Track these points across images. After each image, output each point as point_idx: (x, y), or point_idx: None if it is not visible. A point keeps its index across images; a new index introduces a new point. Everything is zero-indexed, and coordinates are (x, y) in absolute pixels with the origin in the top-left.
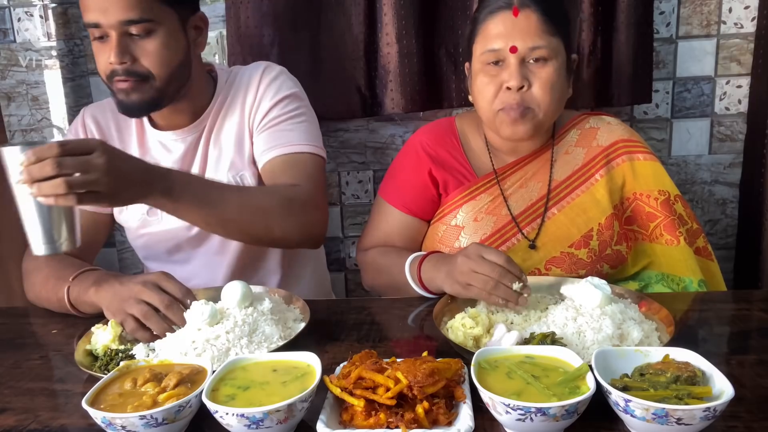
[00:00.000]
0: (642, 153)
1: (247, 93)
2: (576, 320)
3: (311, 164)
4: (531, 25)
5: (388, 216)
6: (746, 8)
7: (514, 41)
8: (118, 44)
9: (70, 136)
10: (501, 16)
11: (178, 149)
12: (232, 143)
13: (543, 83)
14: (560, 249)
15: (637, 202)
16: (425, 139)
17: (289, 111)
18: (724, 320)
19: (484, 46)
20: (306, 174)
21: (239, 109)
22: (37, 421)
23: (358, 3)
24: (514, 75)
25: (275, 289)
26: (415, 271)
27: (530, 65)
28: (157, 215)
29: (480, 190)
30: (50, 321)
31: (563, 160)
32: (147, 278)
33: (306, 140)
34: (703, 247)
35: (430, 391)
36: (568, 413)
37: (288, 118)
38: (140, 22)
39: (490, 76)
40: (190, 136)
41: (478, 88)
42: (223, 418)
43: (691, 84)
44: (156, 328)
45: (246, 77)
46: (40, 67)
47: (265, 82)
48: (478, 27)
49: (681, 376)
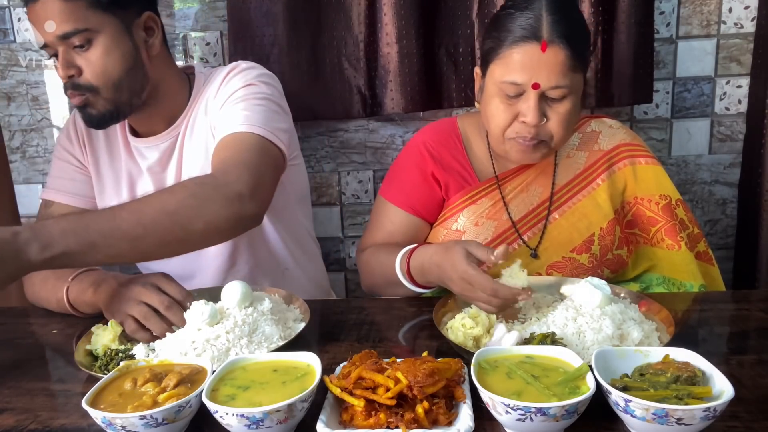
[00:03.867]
0: (644, 157)
1: (212, 90)
2: (576, 320)
3: (249, 143)
4: (558, 63)
5: (391, 217)
6: (746, 8)
7: (539, 78)
8: (62, 58)
9: (63, 137)
10: (527, 48)
11: (152, 156)
12: (202, 148)
13: (560, 119)
14: (561, 254)
15: (638, 206)
16: (428, 140)
17: (244, 96)
18: (724, 320)
19: (505, 74)
20: (236, 152)
21: (205, 110)
22: (37, 421)
23: (358, 3)
24: (533, 111)
25: (275, 289)
26: (405, 265)
27: (549, 100)
28: None
29: (481, 195)
30: (50, 321)
31: (565, 164)
32: (147, 279)
33: (252, 121)
34: (704, 251)
35: (430, 391)
36: (568, 413)
37: (240, 100)
38: (76, 34)
39: (506, 104)
40: (164, 143)
41: (491, 111)
42: (223, 418)
43: (691, 84)
44: (156, 329)
45: (215, 76)
46: (40, 67)
47: (230, 76)
48: (500, 50)
49: (681, 376)
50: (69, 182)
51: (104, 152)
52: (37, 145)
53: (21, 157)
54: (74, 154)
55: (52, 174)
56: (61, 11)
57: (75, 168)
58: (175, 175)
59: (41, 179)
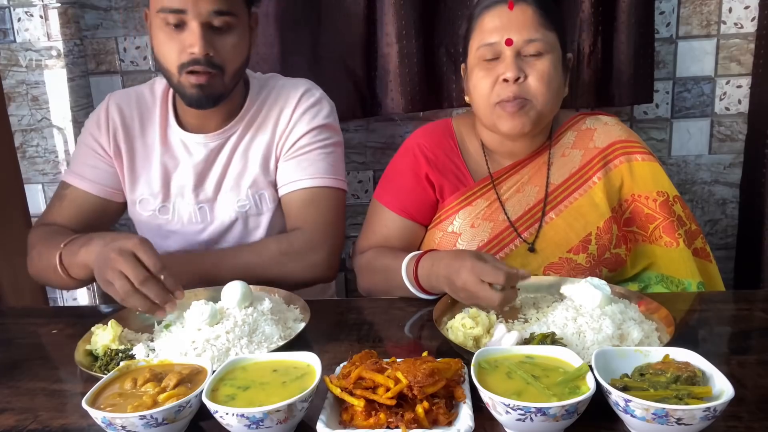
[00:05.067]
0: (640, 153)
1: (282, 114)
2: (576, 320)
3: (326, 200)
4: (527, 18)
5: (386, 220)
6: (746, 8)
7: (510, 34)
8: (203, 34)
9: (92, 123)
10: (496, 10)
11: (200, 153)
12: (259, 161)
13: (539, 75)
14: (559, 254)
15: (636, 203)
16: (423, 142)
17: (317, 141)
18: (724, 320)
19: (480, 41)
20: (316, 212)
21: (271, 128)
22: (37, 421)
23: (358, 3)
24: (510, 67)
25: (275, 289)
26: (412, 272)
27: (526, 58)
28: (168, 215)
29: (476, 196)
30: (50, 321)
31: (560, 162)
32: (124, 245)
33: (328, 173)
34: (702, 248)
35: (430, 391)
36: (568, 413)
37: (316, 148)
38: (226, 14)
39: (486, 70)
40: (214, 143)
41: (473, 83)
42: (223, 418)
43: (691, 84)
44: (139, 306)
45: (284, 96)
46: (40, 67)
47: (302, 108)
48: (473, 23)
49: (681, 376)
50: (90, 169)
51: (140, 145)
52: (37, 145)
53: (21, 157)
54: (100, 142)
55: (76, 158)
56: None
57: (98, 156)
58: (218, 176)
59: (41, 179)
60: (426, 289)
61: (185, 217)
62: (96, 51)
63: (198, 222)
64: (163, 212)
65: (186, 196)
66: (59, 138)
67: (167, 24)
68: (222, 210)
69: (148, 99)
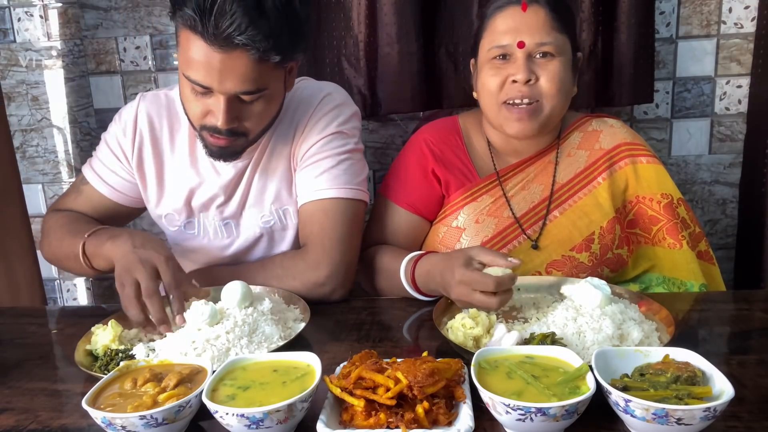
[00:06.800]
0: (645, 156)
1: (299, 124)
2: (576, 320)
3: (333, 213)
4: (539, 21)
5: (392, 215)
6: (746, 8)
7: (522, 36)
8: (228, 110)
9: (118, 129)
10: (509, 11)
11: (228, 174)
12: (281, 175)
13: (550, 77)
14: (561, 252)
15: (640, 205)
16: (429, 137)
17: (327, 150)
18: (725, 320)
19: (492, 41)
20: (319, 228)
21: (290, 140)
22: (37, 421)
23: (358, 3)
24: (521, 68)
25: (275, 289)
26: (410, 276)
27: (537, 60)
28: (193, 230)
29: (482, 192)
30: (50, 321)
31: (566, 162)
32: (151, 257)
33: (335, 183)
34: (705, 251)
35: (430, 391)
36: (568, 413)
37: (324, 157)
38: (254, 93)
39: (496, 68)
40: (241, 162)
41: (483, 80)
42: (223, 418)
43: (691, 84)
44: (134, 316)
45: (304, 104)
46: (40, 67)
47: (317, 116)
48: (485, 22)
49: (681, 376)
50: (108, 172)
51: (168, 159)
52: (37, 145)
53: (21, 157)
54: (124, 149)
55: (98, 157)
56: (252, 70)
57: (119, 163)
58: (242, 193)
59: (41, 179)
60: (423, 291)
61: (211, 233)
62: (96, 51)
63: (224, 237)
64: (189, 227)
65: (211, 212)
66: (59, 138)
67: (193, 90)
68: (247, 226)
69: (179, 108)
